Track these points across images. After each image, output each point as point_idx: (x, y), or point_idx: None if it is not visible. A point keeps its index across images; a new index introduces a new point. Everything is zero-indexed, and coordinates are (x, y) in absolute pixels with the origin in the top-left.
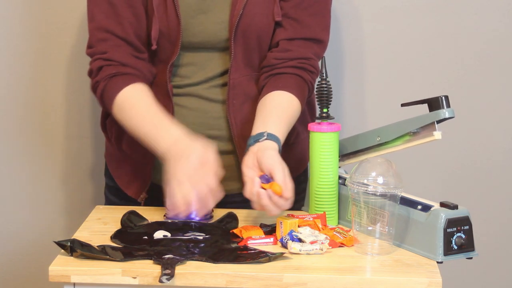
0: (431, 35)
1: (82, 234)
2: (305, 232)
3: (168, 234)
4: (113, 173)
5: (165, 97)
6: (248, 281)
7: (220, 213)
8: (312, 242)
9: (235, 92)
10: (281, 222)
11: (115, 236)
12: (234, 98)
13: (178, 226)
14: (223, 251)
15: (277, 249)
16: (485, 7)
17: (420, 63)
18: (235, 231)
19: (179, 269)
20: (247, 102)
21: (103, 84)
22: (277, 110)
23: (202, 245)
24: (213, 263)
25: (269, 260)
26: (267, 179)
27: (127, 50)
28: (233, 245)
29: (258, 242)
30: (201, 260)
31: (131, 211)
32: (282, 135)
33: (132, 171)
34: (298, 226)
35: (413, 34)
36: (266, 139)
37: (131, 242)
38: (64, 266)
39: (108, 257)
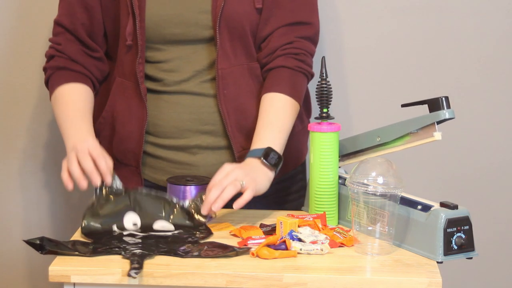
0: (431, 35)
1: (81, 234)
2: (305, 232)
3: (138, 222)
4: None
5: (139, 97)
6: (248, 281)
7: (219, 213)
8: (312, 242)
9: (225, 82)
10: (281, 222)
11: (85, 232)
12: (224, 88)
13: (149, 207)
14: (192, 246)
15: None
16: (485, 7)
17: (420, 64)
18: (234, 231)
19: (178, 269)
20: (242, 94)
21: (50, 72)
22: (273, 119)
23: (170, 240)
24: (181, 257)
25: (236, 255)
26: None
27: (79, 47)
28: (201, 235)
29: (258, 242)
30: (169, 255)
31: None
32: (273, 143)
33: (124, 177)
34: (298, 226)
35: (413, 34)
36: (258, 157)
37: (101, 237)
38: (64, 266)
39: (77, 253)
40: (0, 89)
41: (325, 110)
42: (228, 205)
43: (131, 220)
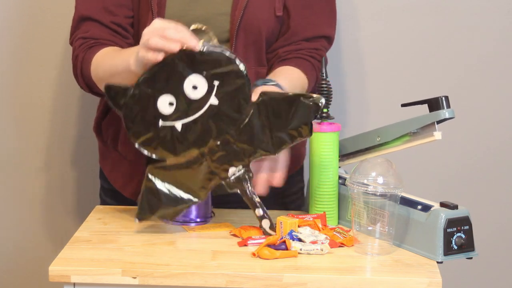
0: (431, 35)
1: (82, 234)
2: (305, 232)
3: (173, 99)
4: (109, 176)
5: None
6: (248, 281)
7: (219, 213)
8: (312, 242)
9: None
10: (281, 222)
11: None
12: None
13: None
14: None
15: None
16: (485, 7)
17: (420, 63)
18: (234, 231)
19: (178, 269)
20: None
21: (82, 55)
22: (286, 74)
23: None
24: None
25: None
26: None
27: (109, 31)
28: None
29: (258, 242)
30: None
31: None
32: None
33: (127, 172)
34: (298, 226)
35: (413, 34)
36: (274, 85)
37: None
38: (64, 266)
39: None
40: (12, 90)
41: (325, 110)
42: (228, 205)
43: (167, 100)
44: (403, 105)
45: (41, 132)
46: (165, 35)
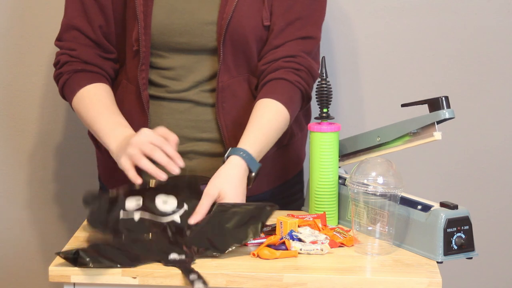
0: (431, 35)
1: (82, 234)
2: (305, 232)
3: (140, 202)
4: (106, 182)
5: (140, 103)
6: (248, 281)
7: None
8: (312, 242)
9: (224, 95)
10: (281, 222)
11: (92, 223)
12: (223, 101)
13: (146, 188)
14: (215, 231)
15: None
16: (485, 7)
17: (420, 63)
18: None
19: (178, 269)
20: (237, 104)
21: (67, 77)
22: (260, 123)
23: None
24: (220, 253)
25: (270, 212)
26: None
27: (95, 50)
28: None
29: (258, 242)
30: (208, 255)
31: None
32: (257, 150)
33: (124, 179)
34: (298, 226)
35: (413, 34)
36: (243, 157)
37: (112, 229)
38: (64, 266)
39: (119, 265)
40: (4, 91)
41: (325, 110)
42: None
43: (134, 202)
44: (403, 105)
45: (42, 131)
46: (154, 157)
